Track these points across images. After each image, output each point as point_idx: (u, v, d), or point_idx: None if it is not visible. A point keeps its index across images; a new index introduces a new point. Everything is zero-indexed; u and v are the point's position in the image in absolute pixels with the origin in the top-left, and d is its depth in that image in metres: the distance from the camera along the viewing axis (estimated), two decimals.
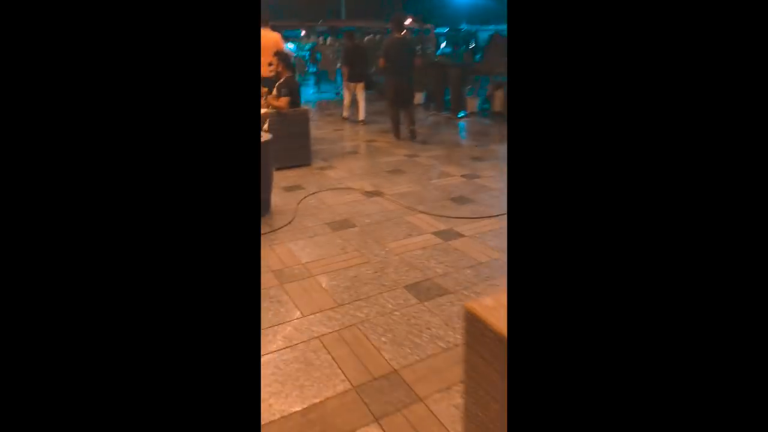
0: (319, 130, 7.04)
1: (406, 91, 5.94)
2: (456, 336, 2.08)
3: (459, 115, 8.15)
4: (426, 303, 2.37)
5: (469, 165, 5.07)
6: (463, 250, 2.97)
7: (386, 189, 4.25)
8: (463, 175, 4.68)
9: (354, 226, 3.40)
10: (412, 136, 6.14)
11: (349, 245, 3.06)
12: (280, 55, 5.06)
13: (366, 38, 14.01)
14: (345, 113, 7.73)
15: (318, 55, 12.55)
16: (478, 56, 9.39)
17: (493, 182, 4.46)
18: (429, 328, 2.16)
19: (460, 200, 3.95)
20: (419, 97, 9.62)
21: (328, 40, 14.35)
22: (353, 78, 7.22)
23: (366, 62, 7.32)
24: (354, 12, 17.78)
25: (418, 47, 10.31)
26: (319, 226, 3.41)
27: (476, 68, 8.73)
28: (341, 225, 3.42)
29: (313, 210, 3.73)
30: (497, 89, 7.87)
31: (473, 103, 8.46)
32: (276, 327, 2.18)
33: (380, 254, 2.92)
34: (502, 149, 5.84)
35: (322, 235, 3.24)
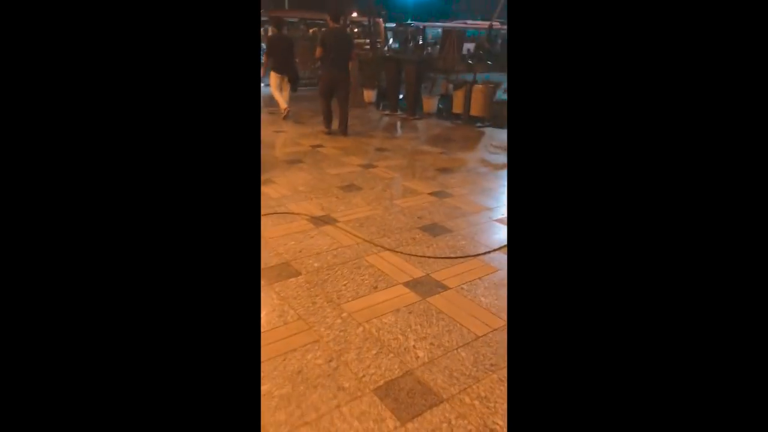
0: None
1: (341, 83, 5.67)
2: None
3: (416, 116, 7.39)
4: (410, 426, 1.53)
5: (436, 178, 4.29)
6: (449, 314, 2.16)
7: (339, 213, 3.38)
8: (431, 193, 3.89)
9: (298, 273, 2.51)
10: (343, 130, 5.90)
11: (291, 309, 2.17)
12: None
13: (311, 30, 12.97)
14: (283, 108, 6.85)
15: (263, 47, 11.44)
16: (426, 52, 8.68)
17: (468, 202, 3.70)
18: None
19: (434, 230, 3.15)
20: (370, 95, 8.80)
21: (270, 30, 13.17)
22: (276, 69, 6.56)
23: (291, 53, 6.67)
24: (300, 3, 16.60)
25: (367, 41, 9.48)
26: None
27: (433, 65, 7.99)
28: (280, 272, 2.51)
29: None
30: (458, 89, 7.16)
31: (431, 103, 7.73)
32: None
33: (335, 324, 2.06)
34: (469, 157, 5.12)
35: None
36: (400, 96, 7.82)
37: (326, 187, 3.97)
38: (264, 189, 3.86)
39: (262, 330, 1.99)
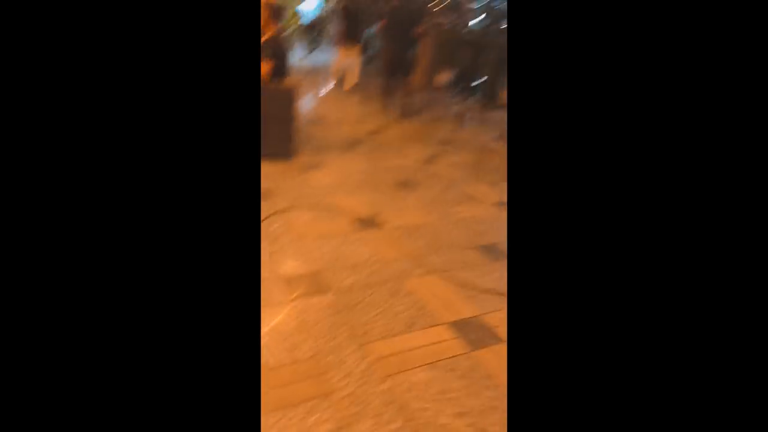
0: (318, 105, 5.70)
1: (403, 59, 5.29)
2: None
3: (492, 106, 6.76)
4: None
5: (504, 184, 3.76)
6: (501, 380, 1.70)
7: (388, 216, 2.97)
8: (496, 203, 3.38)
9: (327, 290, 2.14)
10: (404, 111, 5.49)
11: (310, 335, 1.81)
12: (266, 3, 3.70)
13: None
14: (336, 78, 6.82)
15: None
16: None
17: None
18: None
19: (493, 252, 2.66)
20: (446, 76, 8.21)
21: None
22: (347, 39, 6.30)
23: (362, 22, 6.42)
24: None
25: (453, 16, 8.81)
26: (273, 280, 2.15)
27: None
28: (309, 285, 2.15)
29: (274, 244, 2.46)
30: None
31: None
32: None
33: (355, 373, 1.67)
34: None
35: (272, 305, 1.98)
36: (478, 81, 7.19)
37: (379, 180, 3.56)
38: (311, 175, 3.52)
39: (266, 367, 1.64)
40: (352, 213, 2.94)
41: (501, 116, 6.33)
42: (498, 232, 2.90)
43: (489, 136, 5.26)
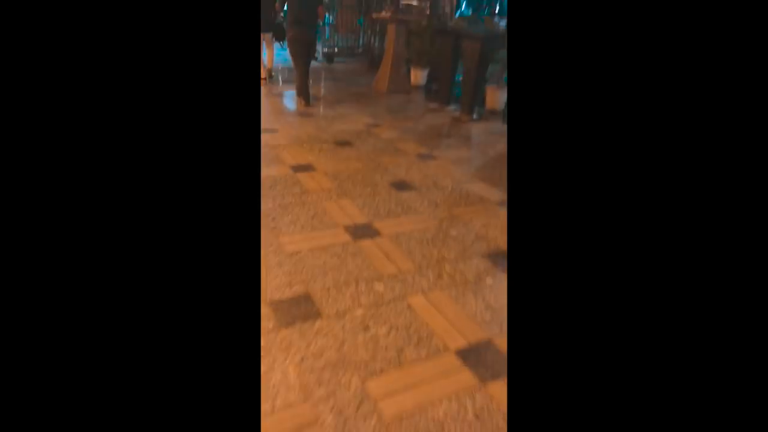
0: None
1: (310, 45, 5.11)
2: None
3: (473, 115, 5.16)
4: None
5: (481, 284, 2.15)
6: None
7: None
8: (463, 350, 1.77)
9: None
10: (306, 99, 5.21)
11: None
12: None
13: None
14: (263, 74, 6.21)
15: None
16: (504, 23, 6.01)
17: None
18: None
19: None
20: (420, 76, 6.57)
21: None
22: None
23: (272, 8, 5.87)
24: None
25: (426, 3, 7.13)
26: None
27: (505, 42, 5.58)
28: None
29: None
30: None
31: (496, 97, 5.42)
32: None
33: None
34: None
35: None
36: (456, 80, 5.57)
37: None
38: None
39: None
40: None
41: (485, 130, 4.71)
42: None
43: (467, 169, 3.64)
